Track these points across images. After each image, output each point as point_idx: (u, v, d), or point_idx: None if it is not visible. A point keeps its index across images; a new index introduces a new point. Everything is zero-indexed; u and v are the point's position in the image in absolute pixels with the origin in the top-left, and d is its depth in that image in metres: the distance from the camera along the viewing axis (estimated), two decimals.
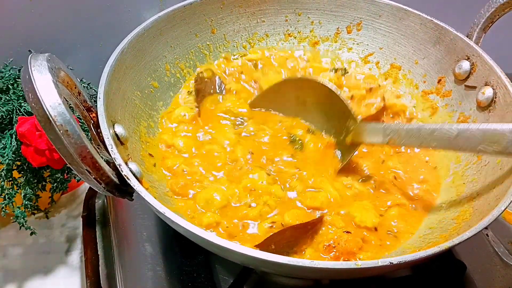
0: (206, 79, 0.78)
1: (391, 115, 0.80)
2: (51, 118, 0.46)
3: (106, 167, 0.51)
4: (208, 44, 0.80)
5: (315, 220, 0.62)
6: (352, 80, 0.83)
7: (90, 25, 0.88)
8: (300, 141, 0.73)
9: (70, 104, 0.56)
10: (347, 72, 0.84)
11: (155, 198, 0.51)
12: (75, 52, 0.89)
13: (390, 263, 0.48)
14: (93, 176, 0.50)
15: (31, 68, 0.48)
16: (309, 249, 0.60)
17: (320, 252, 0.60)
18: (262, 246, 0.57)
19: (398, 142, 0.64)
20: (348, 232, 0.62)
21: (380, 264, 0.48)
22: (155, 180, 0.64)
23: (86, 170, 0.49)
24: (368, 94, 0.80)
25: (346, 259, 0.59)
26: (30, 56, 0.49)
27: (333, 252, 0.60)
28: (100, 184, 0.51)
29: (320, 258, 0.59)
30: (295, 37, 0.85)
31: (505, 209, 0.54)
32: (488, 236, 0.73)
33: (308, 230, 0.61)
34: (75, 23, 0.87)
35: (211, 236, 0.48)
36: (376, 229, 0.64)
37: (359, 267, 0.47)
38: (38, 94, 0.46)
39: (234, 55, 0.82)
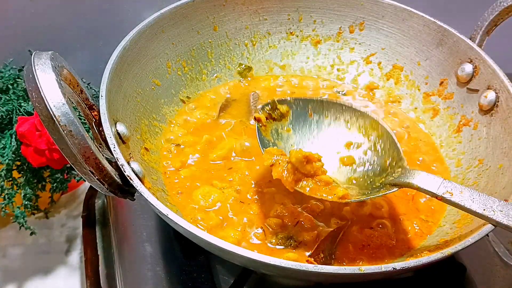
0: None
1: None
2: (55, 118, 0.46)
3: (109, 168, 0.51)
4: (210, 42, 0.80)
5: (344, 225, 0.62)
6: None
7: (89, 25, 0.88)
8: None
9: (72, 102, 0.55)
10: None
11: (156, 198, 0.51)
12: (75, 52, 0.89)
13: (393, 268, 0.48)
14: (97, 177, 0.49)
15: (34, 67, 0.47)
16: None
17: (357, 252, 0.61)
18: (313, 256, 0.57)
19: (453, 201, 0.54)
20: (371, 228, 0.63)
21: (383, 269, 0.48)
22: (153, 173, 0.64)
23: (90, 171, 0.48)
24: None
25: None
26: (33, 54, 0.49)
27: (368, 250, 0.61)
28: (103, 185, 0.50)
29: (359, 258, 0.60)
30: (297, 36, 0.85)
31: None
32: (488, 236, 0.73)
33: (338, 235, 0.61)
34: (75, 23, 0.87)
35: (214, 239, 0.48)
36: None
37: (362, 272, 0.47)
38: (42, 93, 0.46)
39: None
